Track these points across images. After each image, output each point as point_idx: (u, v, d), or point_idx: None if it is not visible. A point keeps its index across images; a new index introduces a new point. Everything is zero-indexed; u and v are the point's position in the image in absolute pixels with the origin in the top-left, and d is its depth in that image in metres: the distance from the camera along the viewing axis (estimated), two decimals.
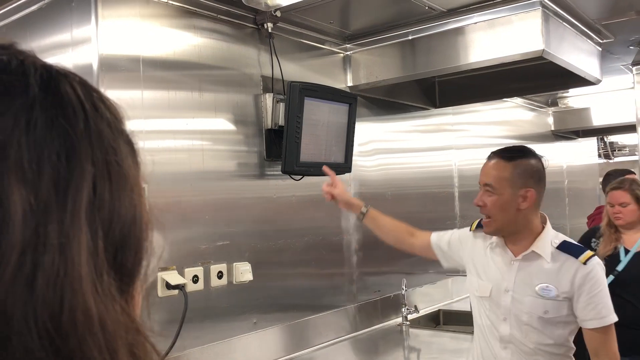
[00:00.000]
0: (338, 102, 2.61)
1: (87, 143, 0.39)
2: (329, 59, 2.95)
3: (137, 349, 0.39)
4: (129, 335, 0.38)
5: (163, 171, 2.09)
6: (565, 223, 5.65)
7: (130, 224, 0.41)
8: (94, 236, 0.38)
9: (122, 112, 0.45)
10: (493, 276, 1.85)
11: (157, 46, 2.11)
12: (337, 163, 2.64)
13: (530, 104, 5.13)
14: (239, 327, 2.33)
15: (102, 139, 0.40)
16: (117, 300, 0.39)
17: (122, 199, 0.40)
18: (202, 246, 2.21)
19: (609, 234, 2.91)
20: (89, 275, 0.36)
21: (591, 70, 3.08)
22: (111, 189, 0.40)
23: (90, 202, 0.38)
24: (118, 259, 0.40)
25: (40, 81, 0.39)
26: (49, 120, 0.38)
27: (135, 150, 0.45)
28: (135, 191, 0.42)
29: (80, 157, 0.38)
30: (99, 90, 0.44)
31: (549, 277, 1.76)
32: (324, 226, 2.82)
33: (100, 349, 0.36)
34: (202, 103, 2.25)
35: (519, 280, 1.80)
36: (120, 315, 0.38)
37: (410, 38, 2.84)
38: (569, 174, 5.86)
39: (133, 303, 0.42)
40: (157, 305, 2.01)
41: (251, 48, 2.50)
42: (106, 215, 0.39)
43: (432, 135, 3.79)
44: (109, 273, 0.38)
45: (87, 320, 0.36)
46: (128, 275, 0.41)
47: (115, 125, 0.43)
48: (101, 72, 1.92)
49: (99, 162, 0.39)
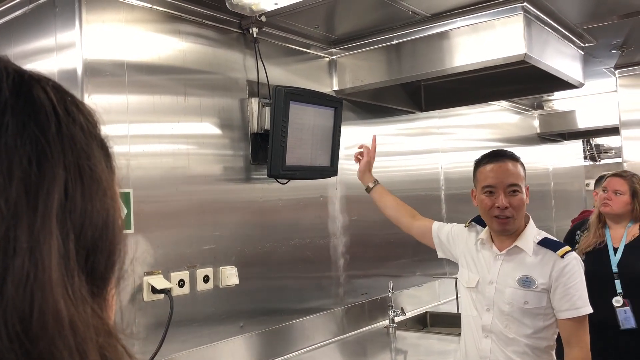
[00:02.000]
0: (324, 106, 2.63)
1: (58, 147, 0.39)
2: (315, 63, 2.97)
3: (108, 352, 0.39)
4: (100, 337, 0.39)
5: (148, 175, 2.09)
6: (552, 225, 5.70)
7: (102, 228, 0.41)
8: (65, 240, 0.38)
9: (96, 116, 0.46)
10: (480, 269, 1.98)
11: (142, 51, 2.11)
12: (323, 167, 2.65)
13: (515, 107, 5.18)
14: (226, 330, 2.34)
15: (75, 143, 0.41)
16: (89, 303, 0.39)
17: (94, 203, 0.41)
18: (188, 250, 2.21)
19: (596, 228, 2.81)
20: (60, 278, 0.37)
21: (574, 74, 3.13)
22: (83, 193, 0.40)
23: (62, 206, 0.38)
24: (90, 263, 0.40)
25: (12, 85, 0.40)
26: (20, 124, 0.38)
27: (109, 155, 0.46)
28: (108, 195, 0.42)
29: (52, 162, 0.39)
30: (73, 95, 0.45)
31: (529, 269, 1.87)
32: (311, 229, 2.83)
33: (70, 351, 0.36)
34: (187, 107, 2.26)
35: (502, 272, 1.91)
36: (92, 318, 0.38)
37: (395, 42, 2.87)
38: (555, 176, 5.92)
39: (106, 306, 0.43)
40: (143, 309, 2.01)
41: (236, 53, 2.51)
42: (78, 219, 0.39)
43: (418, 138, 3.82)
44: (80, 276, 0.39)
45: (57, 323, 0.36)
46: (101, 279, 0.42)
47: (88, 129, 0.43)
48: (86, 77, 1.92)
49: (71, 166, 0.40)
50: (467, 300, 2.02)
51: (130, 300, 1.98)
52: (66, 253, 0.38)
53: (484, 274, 1.96)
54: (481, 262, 1.99)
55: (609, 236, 2.78)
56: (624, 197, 2.73)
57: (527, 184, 1.95)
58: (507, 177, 1.89)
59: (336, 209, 3.01)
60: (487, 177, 1.92)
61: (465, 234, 2.11)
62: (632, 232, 2.73)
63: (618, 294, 2.64)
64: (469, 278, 2.01)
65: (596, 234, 2.80)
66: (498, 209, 1.87)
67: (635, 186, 2.74)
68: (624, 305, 2.61)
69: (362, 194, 3.20)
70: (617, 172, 2.88)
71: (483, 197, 1.92)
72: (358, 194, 3.16)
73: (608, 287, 2.67)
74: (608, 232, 2.80)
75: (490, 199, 1.90)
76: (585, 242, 2.82)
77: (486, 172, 1.93)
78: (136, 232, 2.01)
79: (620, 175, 2.81)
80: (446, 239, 2.18)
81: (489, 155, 2.00)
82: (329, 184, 2.94)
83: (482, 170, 1.96)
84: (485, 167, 1.95)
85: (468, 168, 4.32)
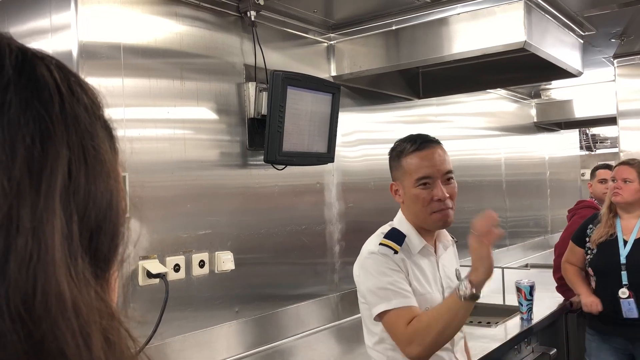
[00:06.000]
0: (321, 91, 2.61)
1: (62, 127, 0.39)
2: (313, 48, 2.94)
3: (111, 334, 0.38)
4: (103, 320, 0.38)
5: (144, 160, 2.08)
6: (547, 214, 5.72)
7: (106, 209, 0.41)
8: (69, 220, 0.37)
9: (100, 97, 0.45)
10: (431, 282, 1.72)
11: (138, 33, 2.08)
12: (320, 153, 2.64)
13: (513, 95, 5.17)
14: (221, 316, 2.34)
15: (79, 123, 0.40)
16: (92, 285, 0.38)
17: (98, 184, 0.40)
18: (184, 235, 2.20)
19: (607, 219, 2.81)
20: (63, 259, 0.36)
21: (572, 63, 3.11)
22: (87, 174, 0.39)
23: (65, 186, 0.38)
24: (93, 244, 0.40)
25: (15, 63, 0.39)
26: (23, 102, 0.37)
27: (113, 136, 0.45)
28: (112, 177, 0.42)
29: (56, 140, 0.38)
30: (77, 74, 0.44)
31: (455, 260, 1.86)
32: (307, 216, 2.83)
33: (73, 333, 0.36)
34: (183, 91, 2.23)
35: (444, 274, 1.77)
36: (95, 300, 0.38)
37: (394, 28, 2.84)
38: (551, 166, 5.92)
39: (109, 289, 0.42)
40: (138, 293, 2.01)
41: (234, 36, 2.48)
42: (81, 199, 0.39)
43: (415, 126, 3.80)
44: (83, 258, 0.38)
45: (60, 305, 0.35)
46: (104, 261, 0.41)
47: (92, 110, 0.42)
48: (81, 59, 1.90)
49: (74, 146, 0.39)
50: None
51: (125, 284, 1.97)
52: (69, 234, 0.37)
53: (435, 284, 1.72)
54: (426, 274, 1.71)
55: (619, 228, 2.78)
56: (633, 184, 2.74)
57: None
58: (443, 164, 1.67)
59: (332, 196, 3.00)
60: (419, 167, 1.66)
61: (398, 263, 1.64)
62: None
63: (624, 286, 2.66)
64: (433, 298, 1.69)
65: (607, 224, 2.80)
66: (438, 202, 1.64)
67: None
68: (629, 297, 2.64)
69: (359, 182, 3.20)
70: (625, 161, 2.88)
71: (417, 192, 1.66)
72: (354, 181, 3.16)
73: (615, 279, 2.69)
74: (619, 223, 2.79)
75: (427, 192, 1.65)
76: (597, 234, 2.82)
77: (417, 162, 1.66)
78: (131, 216, 1.99)
79: (628, 163, 2.81)
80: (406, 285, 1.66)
81: (413, 141, 1.71)
82: (326, 170, 2.93)
83: (411, 161, 1.68)
84: (414, 156, 1.68)
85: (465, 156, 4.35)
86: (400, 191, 1.73)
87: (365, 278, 1.66)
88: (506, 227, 4.87)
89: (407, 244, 1.69)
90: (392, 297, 1.59)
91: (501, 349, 2.52)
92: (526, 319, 2.86)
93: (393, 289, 1.59)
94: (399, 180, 1.73)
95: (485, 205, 4.59)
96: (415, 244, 1.70)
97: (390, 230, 1.72)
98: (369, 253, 1.68)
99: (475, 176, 4.50)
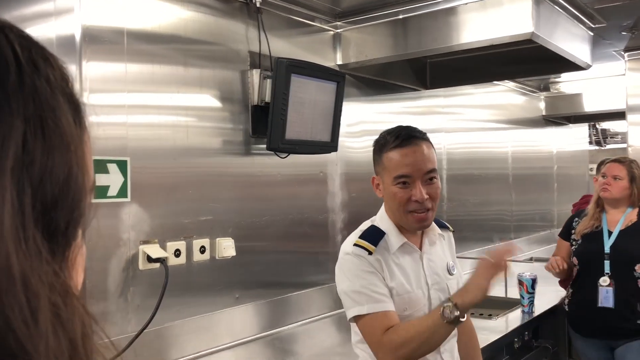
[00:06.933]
0: (326, 80, 2.60)
1: (18, 98, 0.38)
2: (319, 37, 2.93)
3: (61, 311, 0.38)
4: (54, 295, 0.37)
5: (146, 146, 2.08)
6: (553, 208, 5.68)
7: (63, 183, 0.40)
8: (21, 193, 0.37)
9: (67, 71, 0.44)
10: (412, 280, 1.65)
11: (142, 18, 2.08)
12: (323, 142, 2.63)
13: (522, 88, 5.12)
14: (221, 301, 2.35)
15: (38, 95, 0.40)
16: (48, 260, 0.38)
17: (56, 158, 0.39)
18: (185, 220, 2.21)
19: (593, 212, 2.90)
20: (12, 231, 0.36)
21: (581, 55, 3.08)
22: (44, 147, 0.39)
23: (18, 159, 0.37)
24: (49, 219, 0.39)
25: None
26: None
27: (79, 110, 0.44)
28: (72, 150, 0.41)
29: (10, 112, 0.37)
30: (44, 47, 0.43)
31: (446, 256, 1.77)
32: (309, 204, 2.83)
33: (20, 306, 0.35)
34: (187, 78, 2.23)
35: (430, 271, 1.69)
36: (47, 275, 0.37)
37: (402, 17, 2.82)
38: (559, 160, 5.88)
39: (68, 266, 0.42)
40: (138, 278, 2.02)
41: (239, 23, 2.47)
42: (36, 172, 0.38)
43: (422, 117, 3.78)
44: (35, 232, 0.38)
45: (8, 277, 0.35)
46: (62, 236, 0.40)
47: (54, 82, 0.42)
48: (84, 43, 1.90)
49: (31, 118, 0.38)
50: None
51: (125, 268, 1.99)
52: (20, 207, 0.37)
53: (418, 282, 1.65)
54: (407, 272, 1.63)
55: (605, 220, 2.86)
56: (622, 182, 2.81)
57: None
58: (425, 163, 1.58)
59: (336, 186, 3.00)
60: (399, 165, 1.58)
61: (373, 264, 1.59)
62: (629, 218, 2.79)
63: (605, 274, 2.73)
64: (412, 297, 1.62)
65: (593, 217, 2.88)
66: (416, 203, 1.57)
67: (633, 171, 2.82)
68: (609, 285, 2.70)
69: (362, 172, 3.19)
70: (616, 158, 2.95)
71: (395, 190, 1.58)
72: (358, 172, 3.15)
73: (598, 268, 2.76)
74: (605, 217, 2.87)
75: (405, 191, 1.57)
76: (582, 225, 2.90)
77: (397, 158, 1.58)
78: (133, 200, 2.01)
79: (619, 161, 2.88)
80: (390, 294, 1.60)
81: (396, 135, 1.63)
82: (329, 160, 2.92)
83: (392, 157, 1.60)
84: (395, 153, 1.60)
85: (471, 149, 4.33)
86: (381, 186, 1.66)
87: (339, 279, 1.64)
88: (512, 220, 4.85)
89: (386, 242, 1.63)
90: (365, 301, 1.54)
91: (501, 341, 2.52)
92: (527, 312, 2.86)
93: (366, 293, 1.55)
94: (380, 175, 1.66)
95: (491, 198, 4.58)
96: (394, 241, 1.64)
97: (368, 229, 1.67)
98: (344, 254, 1.64)
99: (482, 169, 4.48)
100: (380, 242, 1.62)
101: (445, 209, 3.95)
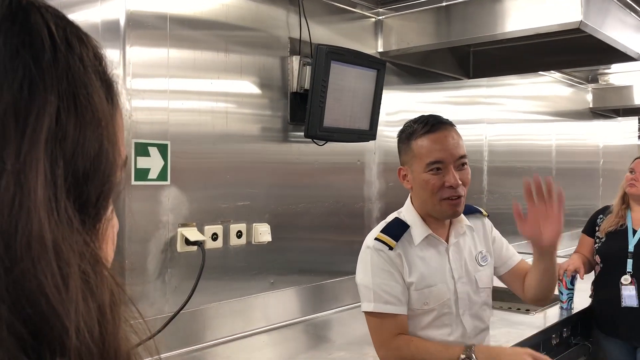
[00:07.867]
0: (366, 67, 2.57)
1: (52, 75, 0.39)
2: (360, 23, 2.90)
3: (91, 278, 0.39)
4: (83, 263, 0.39)
5: (186, 131, 2.11)
6: (598, 204, 5.50)
7: (94, 157, 0.41)
8: (54, 165, 0.38)
9: (100, 50, 0.46)
10: (436, 274, 1.62)
11: (184, 4, 2.10)
12: (362, 130, 2.62)
13: (568, 79, 4.96)
14: (256, 286, 2.38)
15: (71, 71, 0.41)
16: (78, 230, 0.39)
17: (87, 132, 0.41)
18: (223, 205, 2.24)
19: (618, 209, 2.85)
20: (45, 202, 0.37)
21: (633, 45, 2.96)
22: (76, 122, 0.40)
23: (52, 132, 0.39)
24: (80, 191, 0.40)
25: (7, 10, 0.40)
26: (13, 49, 0.38)
27: (112, 88, 0.46)
28: (103, 126, 0.42)
29: (44, 88, 0.39)
30: (78, 26, 0.45)
31: (477, 244, 1.74)
32: (346, 193, 2.82)
33: (52, 273, 0.37)
34: (227, 64, 2.25)
35: (456, 264, 1.66)
36: (78, 244, 0.39)
37: (445, 4, 2.77)
38: (605, 154, 5.69)
39: (99, 238, 0.43)
40: (176, 260, 2.06)
41: (280, 9, 2.47)
42: (69, 146, 0.40)
43: (464, 107, 3.71)
44: (67, 202, 0.39)
45: (41, 245, 0.36)
46: (93, 208, 0.42)
47: (87, 60, 0.43)
48: (128, 28, 1.93)
49: (64, 94, 0.40)
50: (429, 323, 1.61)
51: (163, 250, 2.03)
52: (53, 178, 0.38)
53: (443, 276, 1.62)
54: (431, 265, 1.61)
55: (629, 218, 2.81)
56: None
57: None
58: (456, 148, 1.57)
59: (373, 175, 2.98)
60: (431, 151, 1.56)
61: (393, 259, 1.58)
62: None
63: (627, 273, 2.68)
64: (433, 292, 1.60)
65: (618, 214, 2.84)
66: (449, 189, 1.54)
67: None
68: (631, 284, 2.65)
69: None
70: None
71: (428, 177, 1.56)
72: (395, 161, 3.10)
73: (620, 266, 2.71)
74: (629, 214, 2.83)
75: (438, 177, 1.55)
76: (607, 223, 2.85)
77: (429, 145, 1.56)
78: (172, 184, 2.04)
79: None
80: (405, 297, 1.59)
81: (424, 122, 1.61)
82: (367, 149, 2.90)
83: (422, 144, 1.57)
84: (425, 139, 1.58)
85: (514, 141, 4.23)
86: (408, 176, 1.63)
87: (358, 270, 1.67)
88: None
89: (410, 234, 1.62)
90: (374, 299, 1.56)
91: (538, 336, 2.47)
92: (566, 309, 2.79)
93: (377, 292, 1.57)
94: (407, 165, 1.63)
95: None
96: (418, 234, 1.62)
97: (391, 222, 1.65)
98: (365, 246, 1.65)
99: (524, 162, 4.38)
100: (402, 235, 1.61)
101: (486, 201, 3.88)
